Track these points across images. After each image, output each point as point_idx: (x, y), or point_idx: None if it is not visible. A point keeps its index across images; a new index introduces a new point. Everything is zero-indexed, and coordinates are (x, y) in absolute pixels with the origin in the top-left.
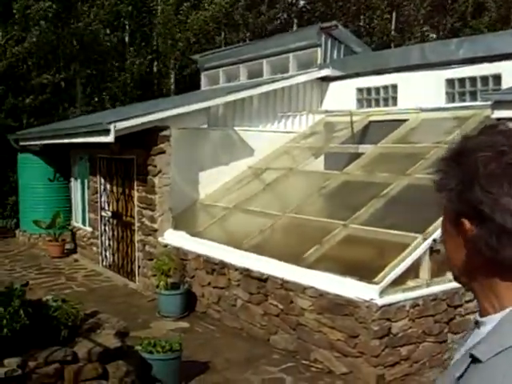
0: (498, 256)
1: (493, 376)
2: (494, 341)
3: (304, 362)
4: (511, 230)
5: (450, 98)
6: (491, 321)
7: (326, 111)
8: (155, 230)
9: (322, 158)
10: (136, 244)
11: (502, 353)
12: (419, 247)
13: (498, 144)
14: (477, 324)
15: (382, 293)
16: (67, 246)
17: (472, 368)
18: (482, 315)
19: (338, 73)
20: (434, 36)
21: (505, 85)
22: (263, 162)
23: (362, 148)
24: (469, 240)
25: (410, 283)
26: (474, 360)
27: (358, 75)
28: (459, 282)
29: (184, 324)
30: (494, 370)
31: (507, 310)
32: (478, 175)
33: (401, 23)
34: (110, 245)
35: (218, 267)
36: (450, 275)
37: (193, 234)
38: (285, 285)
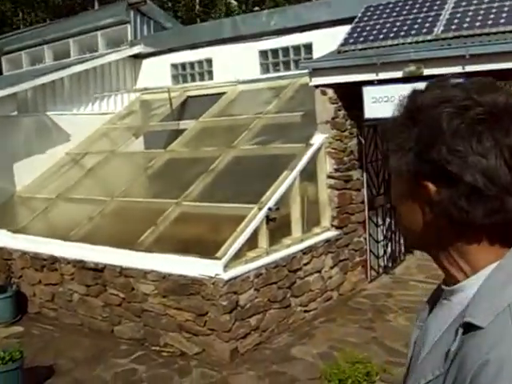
0: (468, 217)
1: (502, 337)
2: (489, 302)
3: (154, 348)
4: (482, 189)
5: (265, 68)
6: (466, 287)
7: (143, 89)
8: None
9: (142, 137)
10: None
11: (504, 312)
12: (256, 218)
13: (457, 98)
14: (445, 294)
15: (226, 267)
16: None
17: (469, 337)
18: (448, 283)
19: (150, 49)
20: (237, 10)
21: (316, 53)
22: (81, 147)
23: (183, 124)
24: (433, 203)
25: (251, 254)
26: (470, 328)
27: (171, 51)
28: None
29: (18, 328)
30: (501, 331)
31: (488, 269)
32: (442, 133)
33: None
34: None
35: (48, 263)
36: (286, 241)
37: (15, 231)
38: (124, 272)
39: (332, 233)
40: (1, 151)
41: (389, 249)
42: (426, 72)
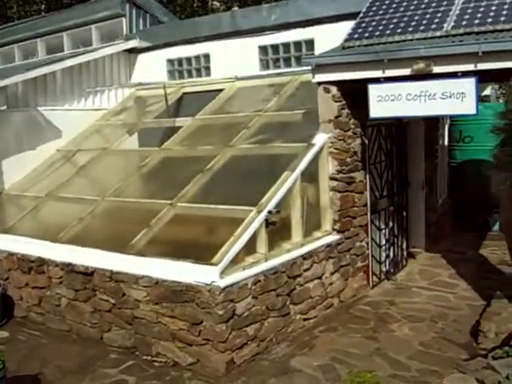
0: None
1: None
2: None
3: (145, 357)
4: None
5: (265, 64)
6: None
7: (137, 84)
8: None
9: (136, 134)
10: None
11: None
12: (254, 221)
13: None
14: None
15: (223, 273)
16: None
17: None
18: None
19: (145, 44)
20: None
21: (318, 49)
22: (73, 144)
23: (179, 121)
24: None
25: (249, 259)
26: None
27: (167, 45)
28: None
29: (3, 333)
30: None
31: None
32: None
33: None
34: None
35: (36, 265)
36: (286, 246)
37: (2, 231)
38: (114, 276)
39: (333, 237)
40: None
41: (391, 253)
42: (436, 70)
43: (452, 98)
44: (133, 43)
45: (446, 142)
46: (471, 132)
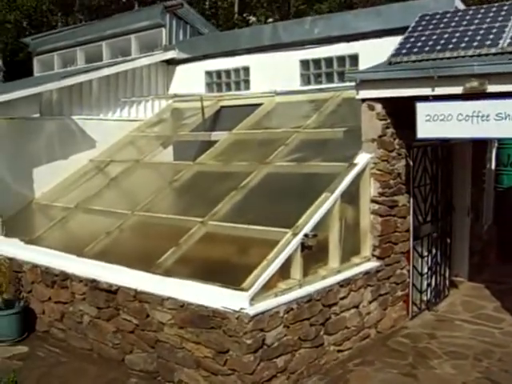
0: None
1: None
2: None
3: None
4: None
5: (306, 79)
6: None
7: (174, 96)
8: None
9: (170, 147)
10: None
11: None
12: (289, 244)
13: None
14: None
15: (253, 300)
16: None
17: None
18: None
19: (184, 55)
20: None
21: (362, 65)
22: (106, 154)
23: (215, 135)
24: None
25: (282, 285)
26: None
27: (206, 57)
28: None
29: (23, 348)
30: None
31: None
32: None
33: (244, 4)
34: None
35: (59, 279)
36: (322, 272)
37: (28, 242)
38: (138, 296)
39: (373, 264)
40: (21, 155)
41: (433, 282)
42: (490, 89)
43: (507, 119)
44: (171, 54)
45: (494, 166)
46: None
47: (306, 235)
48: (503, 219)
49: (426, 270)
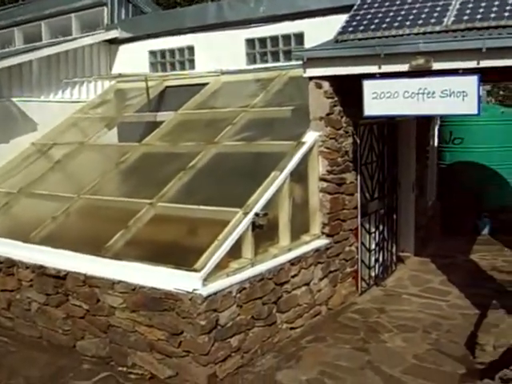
0: None
1: None
2: None
3: (121, 368)
4: None
5: (251, 58)
6: None
7: (117, 76)
8: None
9: (115, 129)
10: None
11: None
12: (240, 224)
13: None
14: None
15: (206, 281)
16: None
17: None
18: None
19: (127, 34)
20: None
21: (308, 44)
22: (49, 137)
23: (161, 116)
24: None
25: (234, 265)
26: None
27: (150, 36)
28: None
29: None
30: None
31: None
32: None
33: None
34: None
35: (4, 266)
36: (273, 251)
37: None
38: (88, 281)
39: (322, 241)
40: None
41: (380, 258)
42: (436, 66)
43: (452, 96)
44: (114, 33)
45: (436, 143)
46: (461, 133)
47: (256, 214)
48: (446, 195)
49: (373, 246)
